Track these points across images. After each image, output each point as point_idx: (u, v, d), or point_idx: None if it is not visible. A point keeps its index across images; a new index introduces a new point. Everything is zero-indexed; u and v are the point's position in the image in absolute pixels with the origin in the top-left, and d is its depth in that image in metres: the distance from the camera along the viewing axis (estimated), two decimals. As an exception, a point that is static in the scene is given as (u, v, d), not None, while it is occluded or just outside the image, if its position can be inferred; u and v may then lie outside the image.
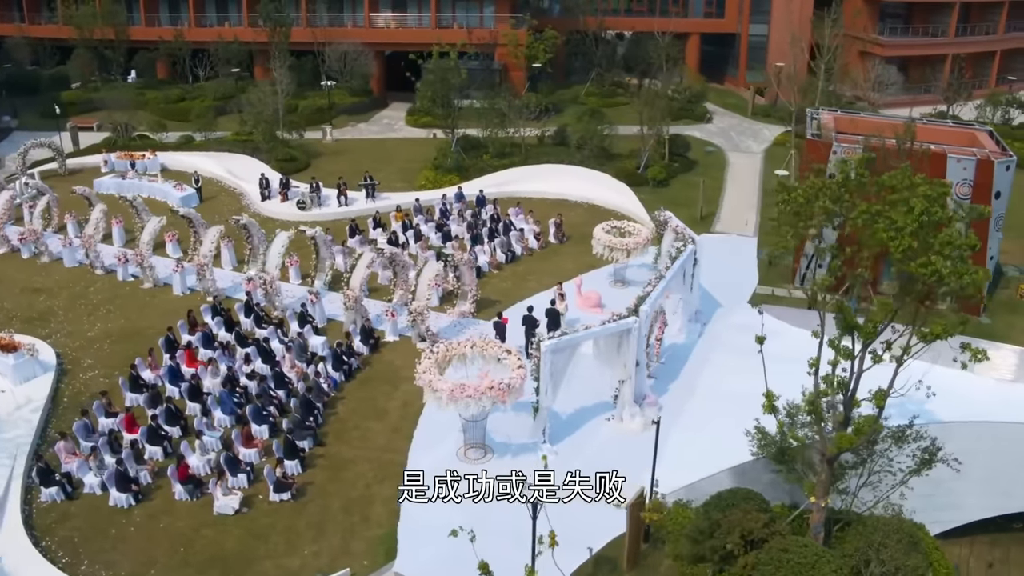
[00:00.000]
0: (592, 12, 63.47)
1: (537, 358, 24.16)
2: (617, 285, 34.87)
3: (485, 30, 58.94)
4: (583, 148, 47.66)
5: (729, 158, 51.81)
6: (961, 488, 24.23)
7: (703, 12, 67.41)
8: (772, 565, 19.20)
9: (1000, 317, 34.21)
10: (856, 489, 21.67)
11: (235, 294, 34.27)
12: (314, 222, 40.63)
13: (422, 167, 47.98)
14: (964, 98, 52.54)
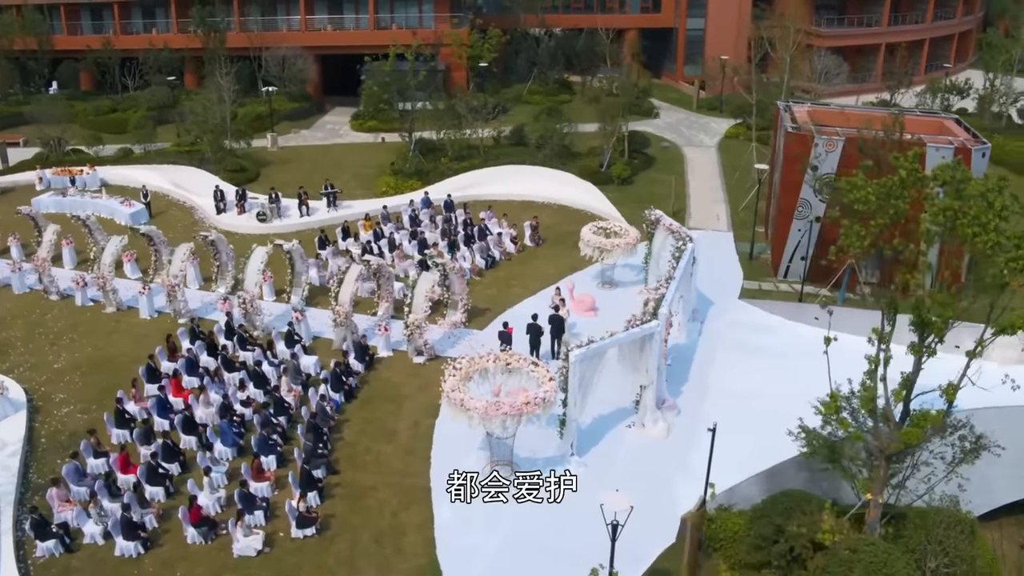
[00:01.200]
0: (531, 9, 62.76)
1: (565, 368, 23.23)
2: (605, 287, 34.20)
3: (426, 30, 57.55)
4: (543, 147, 46.87)
5: (685, 153, 51.78)
6: (992, 473, 24.23)
7: (640, 7, 67.48)
8: (843, 567, 18.77)
9: (980, 300, 34.71)
10: (902, 481, 21.44)
11: (207, 315, 32.31)
12: (276, 234, 38.98)
13: (378, 173, 46.51)
14: (905, 86, 53.65)
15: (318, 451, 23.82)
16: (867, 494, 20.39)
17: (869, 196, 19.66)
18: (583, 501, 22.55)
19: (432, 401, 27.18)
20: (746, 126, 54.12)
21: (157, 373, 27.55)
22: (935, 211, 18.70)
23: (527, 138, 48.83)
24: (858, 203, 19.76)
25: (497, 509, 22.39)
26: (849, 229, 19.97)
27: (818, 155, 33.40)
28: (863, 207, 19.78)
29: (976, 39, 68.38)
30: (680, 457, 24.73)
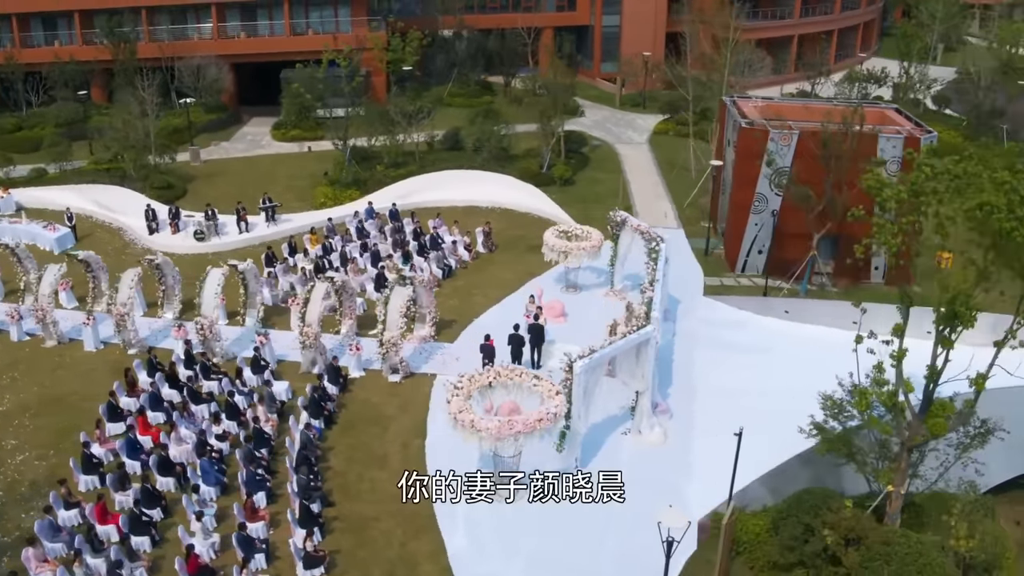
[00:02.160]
0: (448, 11, 61.80)
1: (569, 379, 22.59)
2: (569, 291, 33.71)
3: (343, 35, 55.86)
4: (480, 151, 46.08)
5: (618, 150, 51.81)
6: (985, 454, 24.73)
7: (556, 6, 67.29)
8: (880, 560, 18.77)
9: (930, 285, 35.68)
10: (914, 470, 21.60)
11: (158, 343, 30.35)
12: (215, 253, 37.35)
13: (312, 184, 44.87)
14: (824, 75, 55.08)
15: (313, 484, 22.51)
16: (888, 486, 20.47)
17: (901, 194, 19.57)
18: (595, 517, 22.13)
19: (417, 421, 26.29)
20: (675, 122, 54.63)
21: (119, 411, 25.65)
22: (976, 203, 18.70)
23: (463, 142, 47.93)
24: (890, 200, 19.64)
25: (511, 532, 21.65)
26: (881, 227, 19.84)
27: (773, 149, 33.72)
28: (895, 205, 19.65)
29: (879, 28, 71.04)
30: (681, 461, 24.48)
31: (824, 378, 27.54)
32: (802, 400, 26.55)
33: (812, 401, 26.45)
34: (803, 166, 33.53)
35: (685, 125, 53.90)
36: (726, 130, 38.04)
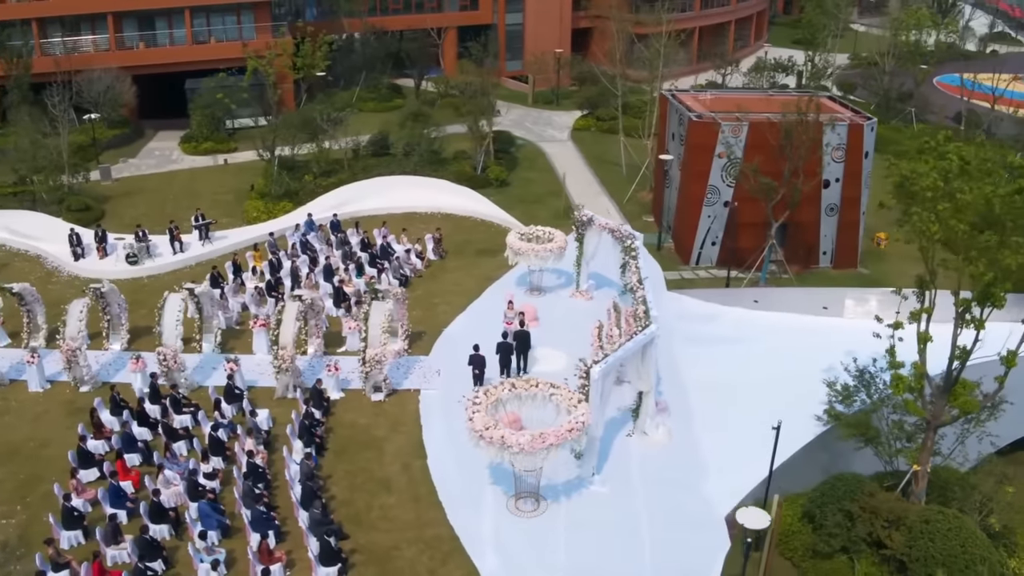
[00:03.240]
0: (353, 13, 59.96)
1: (586, 386, 21.91)
2: (533, 294, 33.00)
3: (249, 42, 53.38)
4: (411, 155, 44.79)
5: (543, 149, 51.44)
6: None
7: (459, 6, 66.31)
8: (925, 538, 18.94)
9: (873, 266, 36.88)
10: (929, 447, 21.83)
11: (110, 378, 28.03)
12: (151, 276, 35.03)
13: (238, 198, 42.69)
14: (734, 65, 56.18)
15: (327, 517, 21.09)
16: (915, 465, 20.68)
17: (937, 182, 19.64)
18: (624, 522, 21.65)
19: (412, 440, 25.14)
20: (596, 118, 54.72)
21: (91, 456, 23.45)
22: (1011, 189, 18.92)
23: (392, 146, 46.51)
24: (927, 190, 19.69)
25: (542, 547, 20.87)
26: (921, 215, 19.85)
27: (732, 142, 33.92)
28: (932, 192, 19.70)
29: (769, 18, 73.21)
30: (692, 459, 24.17)
31: (808, 365, 28.02)
32: (794, 388, 26.89)
33: (806, 388, 26.83)
34: (753, 156, 33.85)
35: (606, 120, 54.21)
36: (668, 124, 38.09)
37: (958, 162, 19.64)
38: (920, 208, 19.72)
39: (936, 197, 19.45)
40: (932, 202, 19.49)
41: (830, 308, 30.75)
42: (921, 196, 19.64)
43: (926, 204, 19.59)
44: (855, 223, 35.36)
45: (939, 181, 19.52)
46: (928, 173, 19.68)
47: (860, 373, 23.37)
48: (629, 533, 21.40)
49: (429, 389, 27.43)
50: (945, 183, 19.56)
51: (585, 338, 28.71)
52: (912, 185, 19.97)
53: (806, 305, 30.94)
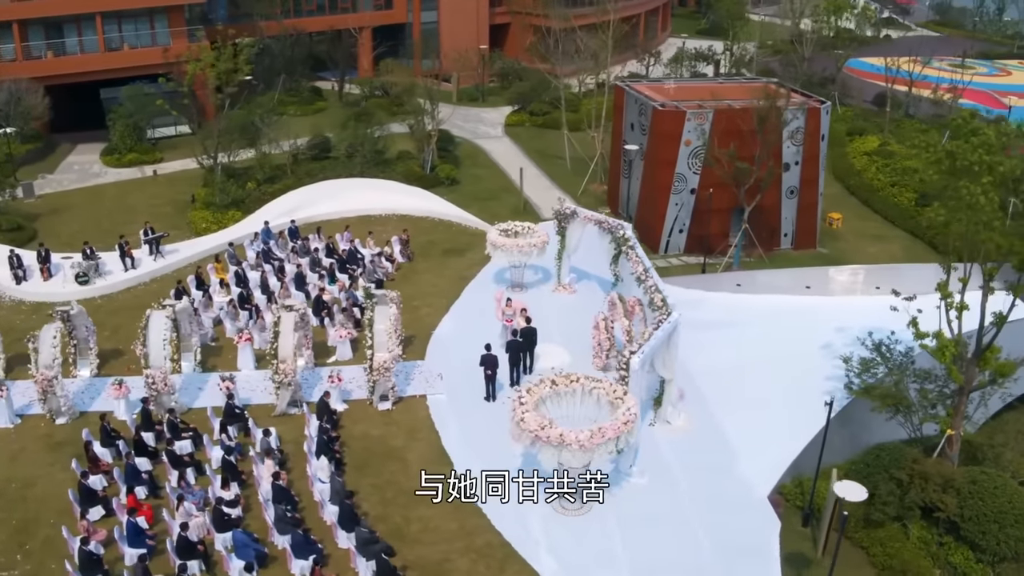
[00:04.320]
0: (270, 16, 57.46)
1: (626, 377, 21.34)
2: (515, 290, 32.18)
3: (160, 48, 50.36)
4: (354, 156, 43.14)
5: (481, 145, 50.55)
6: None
7: (373, 5, 64.54)
8: (975, 498, 19.26)
9: (829, 245, 37.60)
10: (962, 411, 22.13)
11: (87, 407, 25.77)
12: (105, 296, 32.62)
13: (178, 209, 40.21)
14: (655, 56, 56.62)
15: (373, 536, 19.81)
16: (948, 430, 20.97)
17: (984, 156, 19.76)
18: (673, 512, 21.24)
19: (433, 448, 24.07)
20: (529, 112, 54.23)
21: (94, 494, 21.38)
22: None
23: (334, 148, 44.72)
24: (976, 164, 19.77)
25: (597, 544, 20.21)
26: (970, 188, 19.91)
27: (699, 129, 33.93)
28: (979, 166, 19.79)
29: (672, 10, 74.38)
30: (718, 443, 23.91)
31: (803, 344, 28.37)
32: (796, 367, 27.18)
33: (808, 366, 27.13)
34: (718, 143, 33.97)
35: (540, 115, 53.84)
36: (626, 114, 37.84)
37: (996, 137, 19.92)
38: (968, 182, 19.89)
39: (982, 171, 19.67)
40: (979, 175, 19.71)
41: (813, 287, 31.14)
42: (969, 170, 19.78)
43: (974, 177, 19.78)
44: (813, 204, 36.03)
45: (985, 155, 19.75)
46: (975, 148, 19.88)
47: (877, 346, 23.61)
48: (679, 521, 21.01)
49: (435, 394, 26.34)
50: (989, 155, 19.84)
51: (580, 332, 28.20)
52: (960, 160, 20.10)
53: (789, 286, 31.26)
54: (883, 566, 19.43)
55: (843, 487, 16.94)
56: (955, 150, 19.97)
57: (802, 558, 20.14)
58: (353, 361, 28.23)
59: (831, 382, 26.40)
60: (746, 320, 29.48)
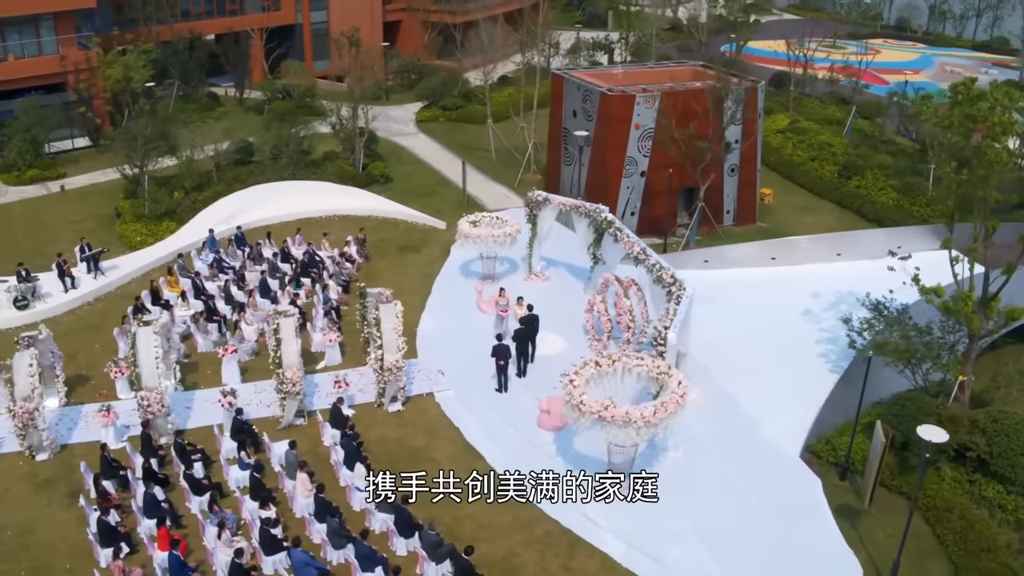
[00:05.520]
0: (160, 20, 53.86)
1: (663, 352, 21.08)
2: (487, 281, 31.40)
3: (49, 58, 46.30)
4: (278, 158, 40.98)
5: (400, 143, 49.13)
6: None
7: (260, 7, 61.59)
8: (1001, 436, 20.13)
9: (767, 219, 38.60)
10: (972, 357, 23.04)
11: (67, 440, 23.29)
12: (47, 320, 29.65)
13: (102, 224, 37.05)
14: (554, 47, 56.67)
15: (441, 541, 18.74)
16: (960, 376, 21.83)
17: (1003, 117, 20.35)
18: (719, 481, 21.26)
19: (458, 445, 23.16)
20: (441, 108, 53.22)
21: (114, 531, 19.26)
22: None
23: (257, 151, 42.34)
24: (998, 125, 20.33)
25: (660, 520, 19.85)
26: (993, 147, 20.51)
27: (661, 112, 34.03)
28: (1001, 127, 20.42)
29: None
30: (736, 410, 24.01)
31: (783, 313, 29.00)
32: (784, 333, 27.76)
33: (796, 332, 27.79)
34: (663, 124, 34.25)
35: (453, 110, 53.03)
36: (566, 102, 37.55)
37: (1004, 98, 20.76)
38: (992, 141, 20.60)
39: (1003, 132, 20.47)
40: (1001, 135, 20.48)
41: (778, 258, 31.85)
42: (994, 131, 20.47)
43: (999, 137, 20.52)
44: (752, 181, 36.94)
45: (1003, 115, 20.54)
46: (995, 110, 20.61)
47: (875, 306, 24.34)
48: (725, 489, 20.99)
49: (442, 391, 25.32)
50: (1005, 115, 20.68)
51: (567, 318, 27.85)
52: (984, 121, 20.74)
53: (755, 259, 31.85)
54: (927, 507, 20.01)
55: (926, 430, 17.30)
56: (975, 113, 20.69)
57: (850, 509, 20.49)
58: (344, 365, 26.80)
59: (821, 345, 27.23)
60: (723, 295, 29.73)
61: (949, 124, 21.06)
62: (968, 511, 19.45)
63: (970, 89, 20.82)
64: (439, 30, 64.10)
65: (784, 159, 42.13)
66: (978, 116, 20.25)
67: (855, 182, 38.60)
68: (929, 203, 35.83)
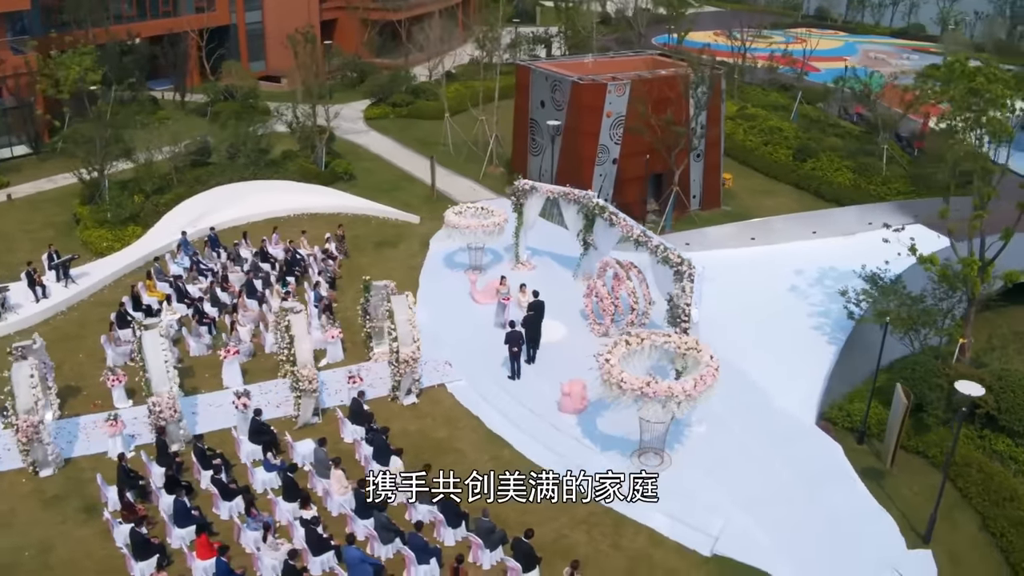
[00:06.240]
0: (95, 22, 51.20)
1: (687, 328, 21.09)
2: (475, 272, 30.95)
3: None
4: (236, 157, 39.54)
5: (355, 140, 48.03)
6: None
7: (195, 8, 59.32)
8: (1007, 392, 20.81)
9: (729, 203, 39.11)
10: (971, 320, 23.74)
11: (70, 454, 21.93)
12: (20, 332, 28.11)
13: (61, 232, 35.02)
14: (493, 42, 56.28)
15: (496, 529, 18.34)
16: (961, 339, 22.55)
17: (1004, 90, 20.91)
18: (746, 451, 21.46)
19: (479, 433, 22.81)
20: (391, 104, 52.32)
21: (149, 543, 18.20)
22: None
23: (213, 151, 40.73)
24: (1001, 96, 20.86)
25: (700, 493, 19.95)
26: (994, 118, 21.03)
27: (611, 100, 34.13)
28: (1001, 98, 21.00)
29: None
30: (747, 383, 24.15)
31: (772, 288, 29.50)
32: (774, 308, 28.25)
33: (786, 306, 28.29)
34: (634, 112, 34.44)
35: (403, 106, 52.24)
36: (533, 93, 37.30)
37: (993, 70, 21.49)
38: (995, 112, 21.24)
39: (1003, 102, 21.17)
40: (1003, 106, 21.15)
41: (757, 238, 32.36)
42: (994, 102, 21.10)
43: (1001, 108, 21.18)
44: (717, 165, 37.43)
45: (1006, 89, 21.23)
46: (996, 83, 21.26)
47: (871, 277, 24.93)
48: (753, 460, 21.17)
49: (454, 381, 24.83)
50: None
51: (563, 304, 27.70)
52: (987, 93, 21.34)
53: (735, 240, 32.25)
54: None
55: (963, 385, 17.76)
56: (979, 88, 21.30)
57: (873, 471, 20.90)
58: (346, 361, 26.03)
59: (812, 318, 27.81)
60: (710, 275, 29.87)
61: (951, 99, 21.69)
62: (985, 464, 20.08)
63: (964, 66, 21.51)
64: (379, 28, 63.06)
65: (738, 144, 42.85)
66: (981, 90, 20.91)
67: (810, 164, 39.55)
68: (884, 182, 37.02)
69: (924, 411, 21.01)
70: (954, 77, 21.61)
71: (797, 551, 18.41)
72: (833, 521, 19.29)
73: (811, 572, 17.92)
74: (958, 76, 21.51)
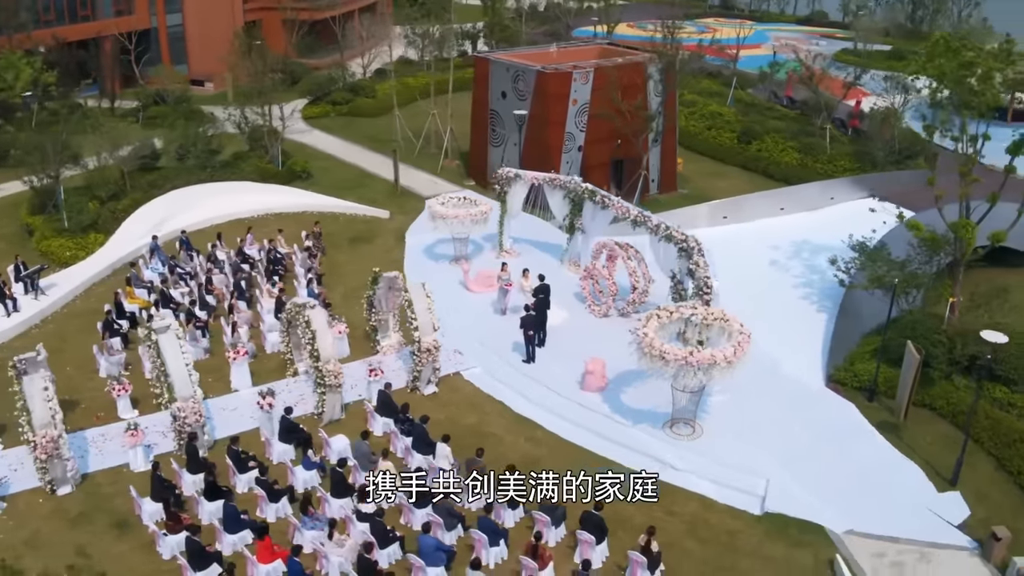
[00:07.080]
0: (18, 27, 47.94)
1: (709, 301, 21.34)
2: (460, 263, 30.49)
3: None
4: (185, 159, 37.80)
5: (301, 140, 46.49)
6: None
7: (114, 11, 56.22)
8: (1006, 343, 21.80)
9: (685, 185, 39.76)
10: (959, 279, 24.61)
11: (84, 468, 20.52)
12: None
13: (13, 243, 32.65)
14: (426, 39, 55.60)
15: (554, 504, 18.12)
16: (951, 298, 23.57)
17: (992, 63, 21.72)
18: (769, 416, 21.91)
19: (509, 418, 22.55)
20: (332, 103, 51.02)
21: (204, 551, 17.20)
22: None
23: (163, 154, 38.77)
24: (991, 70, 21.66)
25: (736, 458, 20.24)
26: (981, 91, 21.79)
27: (576, 88, 34.20)
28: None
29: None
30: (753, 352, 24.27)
31: (754, 264, 30.15)
32: (762, 283, 28.88)
33: (772, 280, 28.99)
34: (597, 99, 34.64)
35: (343, 104, 51.07)
36: (493, 84, 36.97)
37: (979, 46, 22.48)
38: (982, 86, 22.16)
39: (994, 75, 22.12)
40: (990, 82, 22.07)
41: (728, 216, 32.99)
42: (987, 76, 21.97)
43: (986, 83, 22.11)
44: (673, 150, 38.02)
45: (997, 63, 22.17)
46: (985, 58, 22.16)
47: (859, 245, 25.79)
48: (775, 423, 21.63)
49: (469, 368, 24.43)
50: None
51: (557, 289, 27.54)
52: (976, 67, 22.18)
53: (709, 219, 32.77)
54: (953, 414, 21.47)
55: (989, 334, 18.58)
56: (973, 61, 22.20)
57: (888, 425, 21.67)
58: (353, 357, 25.22)
59: (799, 289, 28.61)
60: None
61: (941, 75, 22.62)
62: (990, 411, 21.08)
63: (949, 42, 22.48)
64: (307, 27, 61.38)
65: (682, 130, 43.54)
66: (975, 62, 21.87)
67: (756, 146, 40.65)
68: (830, 160, 38.39)
69: (929, 366, 21.84)
70: (938, 53, 22.55)
71: (839, 502, 18.93)
72: (863, 473, 19.92)
73: (857, 520, 18.42)
74: (942, 52, 22.47)
